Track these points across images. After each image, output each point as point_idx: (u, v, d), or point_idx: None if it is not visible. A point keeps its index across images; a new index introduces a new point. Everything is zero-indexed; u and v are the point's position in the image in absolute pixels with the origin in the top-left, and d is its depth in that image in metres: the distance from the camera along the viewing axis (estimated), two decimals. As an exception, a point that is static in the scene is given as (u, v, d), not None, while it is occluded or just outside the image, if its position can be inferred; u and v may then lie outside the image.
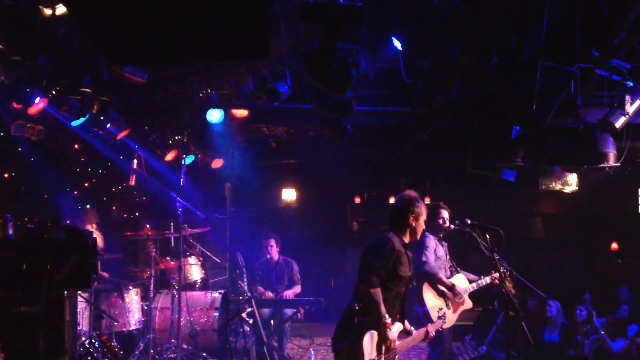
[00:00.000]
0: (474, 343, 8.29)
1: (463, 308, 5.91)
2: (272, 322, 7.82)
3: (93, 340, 6.28)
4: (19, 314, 4.05)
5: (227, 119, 7.59)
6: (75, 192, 9.22)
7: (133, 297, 6.98)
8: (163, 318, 7.17)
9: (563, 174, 9.18)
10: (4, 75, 6.27)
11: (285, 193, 11.97)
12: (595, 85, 6.25)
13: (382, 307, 4.03)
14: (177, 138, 9.25)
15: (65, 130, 7.64)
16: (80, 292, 5.90)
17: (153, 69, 6.49)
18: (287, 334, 7.71)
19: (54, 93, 6.72)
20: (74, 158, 9.31)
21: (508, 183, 7.77)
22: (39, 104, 6.46)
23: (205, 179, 10.31)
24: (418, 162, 10.77)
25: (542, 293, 7.65)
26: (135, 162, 6.83)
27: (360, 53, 5.32)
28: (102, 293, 6.85)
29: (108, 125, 7.38)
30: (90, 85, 6.49)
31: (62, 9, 5.06)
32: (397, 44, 6.22)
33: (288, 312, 7.68)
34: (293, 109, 7.57)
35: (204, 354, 6.94)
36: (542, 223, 12.40)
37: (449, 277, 5.90)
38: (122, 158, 8.90)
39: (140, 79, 6.28)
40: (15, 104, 6.55)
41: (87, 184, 9.74)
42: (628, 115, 6.24)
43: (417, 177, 11.69)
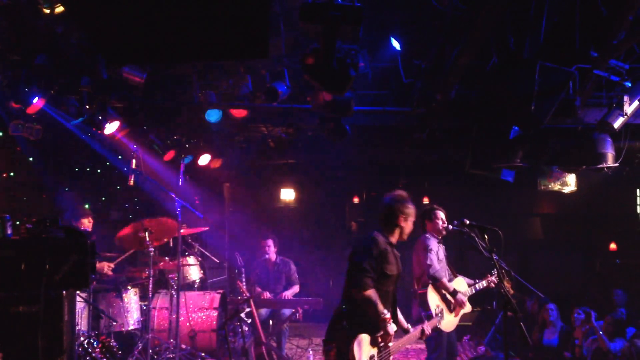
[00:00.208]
0: (473, 343, 8.30)
1: (464, 311, 5.91)
2: (270, 322, 7.81)
3: (92, 340, 6.27)
4: (18, 314, 4.05)
5: (225, 119, 7.58)
6: (74, 191, 9.20)
7: (132, 297, 6.97)
8: (162, 318, 7.17)
9: (562, 175, 9.19)
10: (3, 75, 6.27)
11: (284, 193, 11.97)
12: (594, 86, 6.25)
13: (379, 305, 4.07)
14: (175, 138, 9.24)
15: (64, 130, 7.62)
16: (79, 291, 5.89)
17: (152, 69, 6.48)
18: (285, 334, 7.71)
19: (53, 93, 6.72)
20: (73, 158, 9.29)
21: (506, 183, 7.78)
22: (38, 104, 6.45)
23: (204, 179, 10.30)
24: (417, 162, 10.76)
25: (540, 294, 7.66)
26: (134, 162, 6.82)
27: (360, 53, 5.32)
28: (100, 293, 6.84)
29: (106, 126, 7.36)
30: (89, 85, 6.48)
31: (61, 9, 5.06)
32: (396, 44, 6.23)
33: (286, 312, 7.68)
34: (292, 109, 7.57)
35: (203, 354, 6.94)
36: (540, 223, 12.41)
37: (449, 280, 5.90)
38: (120, 158, 8.89)
39: (139, 79, 6.28)
40: (14, 104, 6.54)
41: (85, 184, 9.72)
42: (626, 116, 6.25)
43: (415, 177, 11.68)
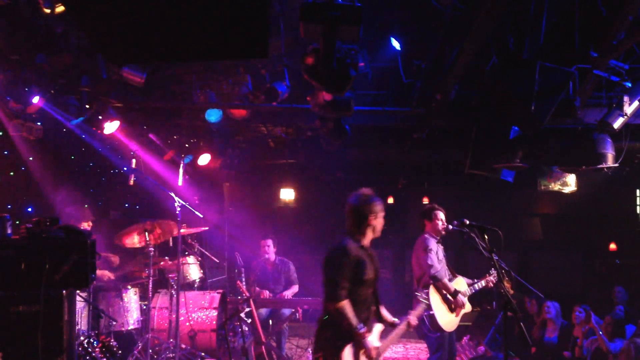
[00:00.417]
0: (473, 343, 8.29)
1: (464, 311, 5.92)
2: (270, 322, 7.81)
3: (92, 340, 6.27)
4: (18, 314, 4.05)
5: (225, 119, 7.58)
6: (73, 191, 9.19)
7: (132, 296, 6.98)
8: (161, 318, 7.17)
9: (562, 175, 9.20)
10: (3, 75, 6.27)
11: (284, 193, 11.97)
12: (594, 86, 6.25)
13: (352, 319, 3.95)
14: (175, 138, 9.25)
15: (64, 130, 7.62)
16: (79, 291, 5.89)
17: (152, 69, 6.48)
18: (285, 334, 7.71)
19: (53, 92, 6.72)
20: (72, 157, 9.29)
21: (506, 183, 7.78)
22: (37, 103, 6.45)
23: (204, 179, 10.30)
24: (416, 162, 10.77)
25: (540, 293, 7.66)
26: (134, 161, 6.82)
27: (359, 53, 5.32)
28: (100, 292, 6.84)
29: (106, 126, 7.36)
30: (89, 85, 6.48)
31: (61, 8, 5.06)
32: (395, 44, 6.23)
33: (286, 312, 7.68)
34: (292, 109, 7.56)
35: (202, 354, 6.94)
36: (540, 223, 12.42)
37: (449, 280, 5.91)
38: (120, 158, 8.89)
39: (139, 79, 6.28)
40: (14, 103, 6.54)
41: (85, 184, 9.71)
42: (626, 116, 6.25)
43: (415, 177, 11.69)
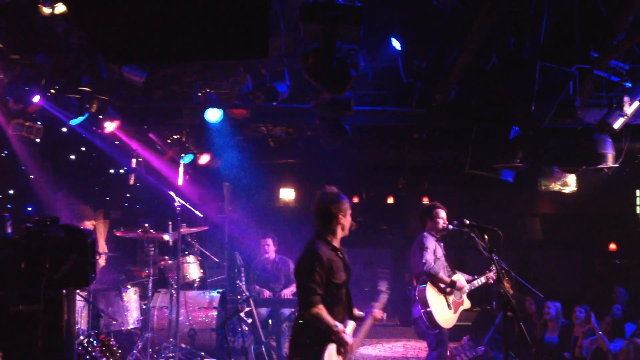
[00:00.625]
0: (472, 343, 8.29)
1: (463, 308, 5.93)
2: (270, 321, 7.82)
3: (91, 339, 6.27)
4: (18, 313, 4.06)
5: (225, 119, 7.59)
6: (74, 191, 9.20)
7: (131, 296, 6.98)
8: (161, 317, 7.18)
9: (562, 175, 9.19)
10: (3, 74, 6.27)
11: (284, 193, 11.96)
12: (594, 86, 6.25)
13: (329, 320, 3.94)
14: (175, 137, 9.25)
15: (64, 129, 7.63)
16: (79, 291, 5.90)
17: (152, 68, 6.49)
18: (285, 334, 7.70)
19: (53, 92, 6.72)
20: (73, 157, 9.29)
21: (506, 183, 7.78)
22: (38, 103, 6.45)
23: (204, 179, 10.31)
24: (416, 162, 10.77)
25: (539, 293, 7.67)
26: (134, 161, 6.83)
27: (360, 53, 5.32)
28: (100, 292, 6.85)
29: (106, 125, 7.36)
30: (89, 84, 6.48)
31: (61, 8, 5.06)
32: (396, 44, 6.22)
33: (286, 311, 7.68)
34: (292, 109, 7.57)
35: (202, 353, 6.94)
36: (540, 223, 12.42)
37: (448, 277, 5.92)
38: (121, 157, 8.90)
39: (139, 78, 6.28)
40: (14, 103, 6.54)
41: (85, 183, 9.72)
42: (626, 116, 6.25)
43: (415, 177, 11.69)
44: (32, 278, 4.04)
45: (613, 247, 11.14)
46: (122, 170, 9.26)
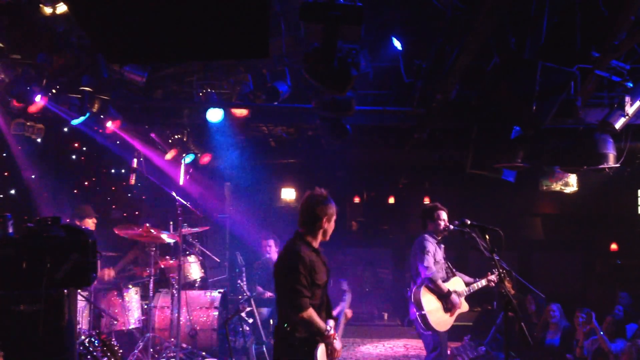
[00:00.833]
0: (473, 343, 8.29)
1: (460, 311, 5.91)
2: (271, 321, 7.82)
3: (93, 339, 6.25)
4: (19, 313, 4.05)
5: (226, 118, 7.59)
6: (75, 190, 9.22)
7: (133, 296, 6.98)
8: (162, 317, 7.18)
9: (563, 175, 9.19)
10: (4, 74, 6.27)
11: (285, 193, 11.98)
12: (595, 86, 6.24)
13: (320, 324, 3.93)
14: (177, 137, 9.25)
15: (65, 129, 7.63)
16: (80, 290, 5.90)
17: (153, 68, 6.49)
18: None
19: (54, 92, 6.72)
20: (74, 157, 9.31)
21: (507, 183, 7.78)
22: (39, 103, 6.46)
23: (205, 178, 10.31)
24: (417, 162, 10.77)
25: (541, 294, 7.67)
26: (135, 161, 6.83)
27: (360, 53, 5.31)
28: (101, 292, 6.85)
29: (107, 125, 7.36)
30: (90, 84, 6.48)
31: (62, 8, 5.06)
32: (397, 44, 6.22)
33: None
34: (293, 109, 7.57)
35: (203, 353, 6.95)
36: (541, 223, 12.42)
37: (446, 280, 5.91)
38: (122, 157, 8.91)
39: (140, 78, 6.28)
40: (15, 103, 6.55)
41: (86, 183, 9.73)
42: (628, 116, 6.24)
43: (416, 177, 11.70)
44: (33, 278, 4.03)
45: (614, 247, 11.14)
46: (122, 170, 9.26)
